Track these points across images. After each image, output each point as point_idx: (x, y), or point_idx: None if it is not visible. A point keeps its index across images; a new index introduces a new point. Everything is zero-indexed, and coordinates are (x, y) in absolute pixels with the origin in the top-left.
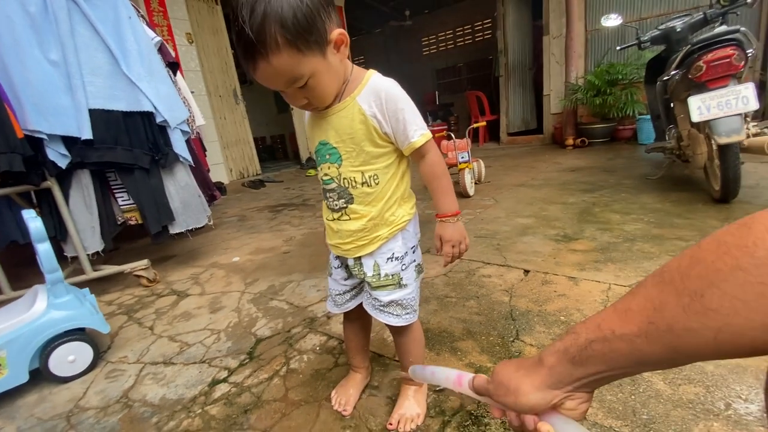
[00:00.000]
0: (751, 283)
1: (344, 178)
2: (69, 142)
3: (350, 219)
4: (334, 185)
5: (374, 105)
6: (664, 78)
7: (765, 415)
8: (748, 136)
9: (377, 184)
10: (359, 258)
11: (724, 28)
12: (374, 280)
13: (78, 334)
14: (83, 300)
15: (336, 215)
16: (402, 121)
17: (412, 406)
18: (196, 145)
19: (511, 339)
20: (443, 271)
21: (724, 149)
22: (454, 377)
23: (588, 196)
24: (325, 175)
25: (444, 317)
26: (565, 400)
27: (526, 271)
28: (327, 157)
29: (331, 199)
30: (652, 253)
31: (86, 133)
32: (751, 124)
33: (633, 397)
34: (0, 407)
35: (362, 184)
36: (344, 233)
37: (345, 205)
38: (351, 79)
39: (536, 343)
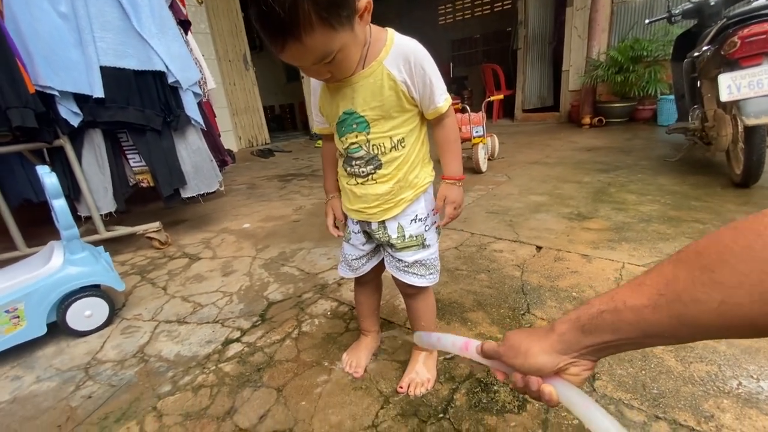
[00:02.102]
0: (756, 260)
1: (373, 145)
2: (80, 100)
3: (377, 183)
4: (362, 153)
5: (404, 70)
6: (694, 54)
7: None
8: None
9: (404, 147)
10: (383, 221)
11: (763, 1)
12: (399, 241)
13: (94, 290)
14: (98, 257)
15: (361, 180)
16: (429, 86)
17: (422, 371)
18: (208, 108)
19: (522, 312)
20: (454, 245)
21: (750, 131)
22: (461, 343)
23: (604, 176)
24: (352, 144)
25: (455, 289)
26: (569, 365)
27: (539, 248)
28: (354, 126)
29: (357, 166)
30: (667, 234)
31: (98, 91)
32: None
33: (643, 372)
34: (19, 358)
35: (391, 149)
36: (370, 197)
37: (373, 171)
38: (372, 41)
39: (547, 317)
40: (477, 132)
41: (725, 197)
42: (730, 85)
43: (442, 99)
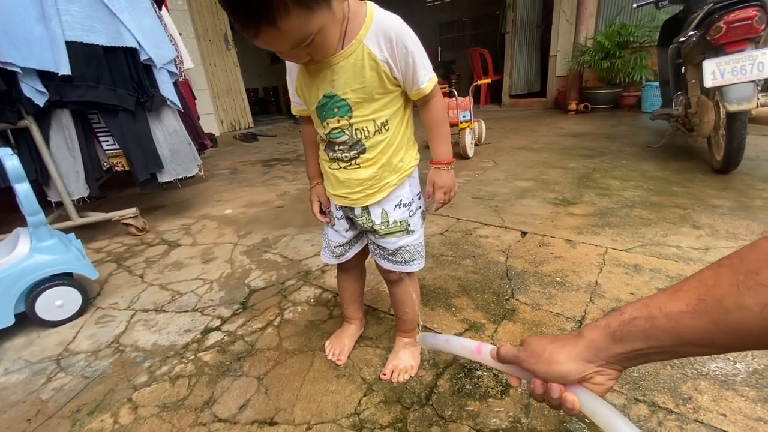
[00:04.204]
0: None
1: (356, 129)
2: (46, 77)
3: (360, 167)
4: (345, 137)
5: (385, 49)
6: (680, 39)
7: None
8: (757, 106)
9: (388, 130)
10: (366, 207)
11: None
12: (383, 227)
13: (65, 278)
14: (68, 245)
15: (344, 164)
16: (412, 65)
17: (406, 357)
18: (185, 89)
19: (506, 297)
20: (439, 230)
21: (732, 117)
22: (473, 346)
23: (588, 162)
24: (334, 129)
25: (440, 275)
26: (595, 374)
27: (524, 233)
28: (335, 110)
29: (340, 152)
30: (650, 220)
31: (64, 69)
32: (761, 94)
33: None
34: None
35: (375, 132)
36: (353, 182)
37: (357, 156)
38: (350, 17)
39: (531, 302)
40: (464, 117)
41: (705, 183)
42: (714, 71)
43: (427, 79)
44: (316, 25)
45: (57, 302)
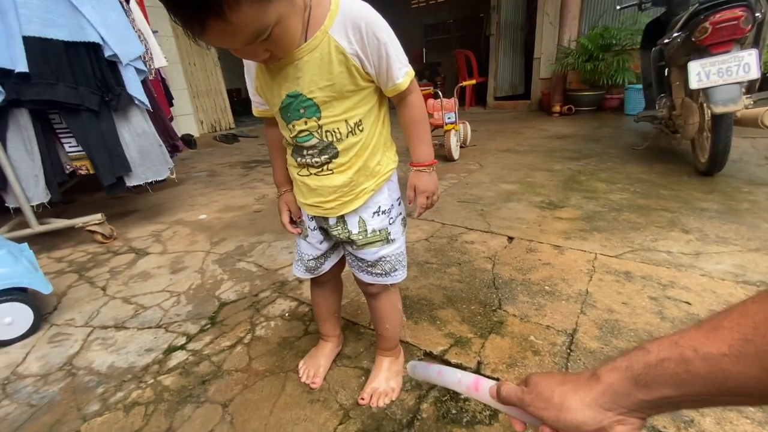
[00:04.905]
0: None
1: (327, 131)
2: (1, 75)
3: (333, 173)
4: (314, 141)
5: (354, 41)
6: (665, 41)
7: None
8: (744, 107)
9: (362, 131)
10: (342, 216)
11: None
12: (360, 237)
13: (14, 293)
14: (19, 256)
15: (315, 170)
16: (386, 58)
17: (386, 379)
18: (156, 87)
19: (494, 308)
20: (424, 236)
21: (717, 119)
22: (470, 381)
23: (574, 164)
24: (301, 131)
25: (424, 284)
26: (615, 423)
27: (510, 238)
28: (301, 111)
29: (309, 156)
30: (638, 224)
31: (20, 65)
32: (745, 96)
33: None
34: None
35: (348, 134)
36: (326, 190)
37: (329, 160)
38: (313, 5)
39: (519, 313)
40: (449, 118)
41: (692, 185)
42: (700, 72)
43: (402, 73)
44: (273, 16)
45: (5, 319)
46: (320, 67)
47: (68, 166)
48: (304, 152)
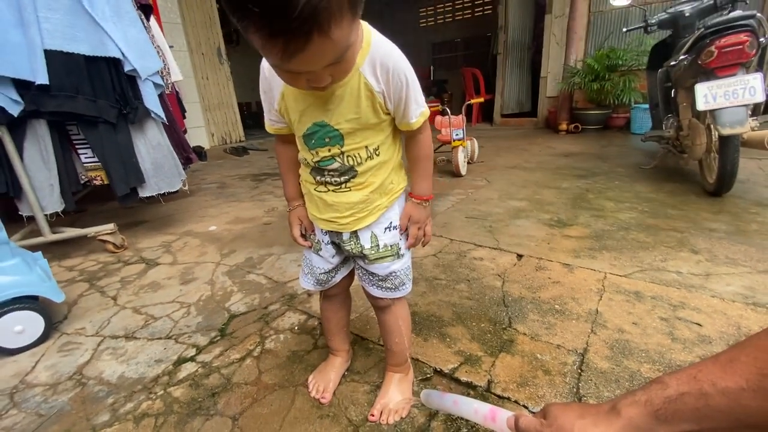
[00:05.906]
0: None
1: (348, 156)
2: (22, 86)
3: (351, 190)
4: (336, 165)
5: (382, 80)
6: (671, 63)
7: None
8: (750, 129)
9: (379, 155)
10: (355, 231)
11: (739, 12)
12: (372, 252)
13: (26, 302)
14: (33, 265)
15: (333, 188)
16: (404, 99)
17: (396, 395)
18: (172, 101)
19: (503, 326)
20: (433, 252)
21: (724, 141)
22: (486, 411)
23: (582, 182)
24: (324, 157)
25: (433, 300)
26: None
27: (520, 256)
28: (326, 140)
29: (329, 176)
30: (647, 243)
31: (41, 78)
32: (751, 118)
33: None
34: None
35: (367, 158)
36: (342, 206)
37: (347, 180)
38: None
39: (529, 332)
40: (457, 135)
41: (700, 205)
42: (707, 95)
43: (417, 113)
44: (354, 37)
45: (16, 328)
46: (349, 101)
47: (83, 177)
48: (325, 173)
